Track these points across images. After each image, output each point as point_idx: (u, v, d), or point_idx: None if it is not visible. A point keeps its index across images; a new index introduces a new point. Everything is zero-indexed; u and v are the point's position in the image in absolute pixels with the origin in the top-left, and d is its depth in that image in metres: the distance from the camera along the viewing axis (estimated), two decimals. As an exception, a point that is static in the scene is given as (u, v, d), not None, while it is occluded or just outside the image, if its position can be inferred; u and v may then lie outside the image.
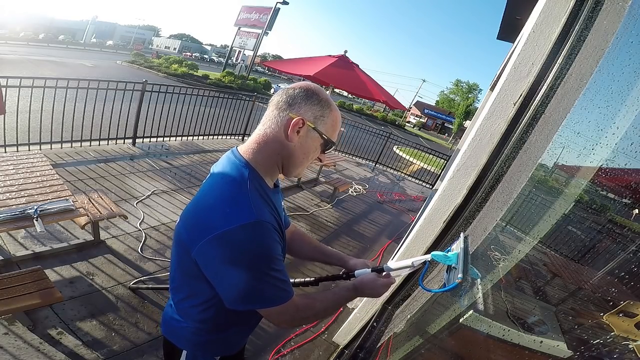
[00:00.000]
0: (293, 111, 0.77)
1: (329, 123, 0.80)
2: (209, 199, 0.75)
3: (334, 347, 2.33)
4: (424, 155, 8.86)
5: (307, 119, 0.77)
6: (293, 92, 0.78)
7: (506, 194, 1.52)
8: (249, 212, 0.69)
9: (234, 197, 0.72)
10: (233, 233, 0.67)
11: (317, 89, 0.79)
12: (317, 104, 0.78)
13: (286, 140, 0.77)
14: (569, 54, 1.20)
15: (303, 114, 0.77)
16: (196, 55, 56.07)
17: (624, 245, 1.72)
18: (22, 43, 26.45)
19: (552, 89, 1.24)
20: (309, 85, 0.80)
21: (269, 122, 0.79)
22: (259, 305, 0.76)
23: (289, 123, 0.76)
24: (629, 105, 1.11)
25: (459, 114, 38.04)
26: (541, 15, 1.27)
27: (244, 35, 23.87)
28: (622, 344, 0.85)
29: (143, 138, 5.08)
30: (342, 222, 4.54)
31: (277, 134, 0.77)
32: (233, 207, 0.70)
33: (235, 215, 0.68)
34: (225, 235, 0.67)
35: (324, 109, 0.78)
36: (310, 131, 0.78)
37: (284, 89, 0.79)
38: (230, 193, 0.73)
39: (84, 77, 4.40)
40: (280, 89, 0.81)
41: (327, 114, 0.79)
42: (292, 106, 0.77)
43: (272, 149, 0.78)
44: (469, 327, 1.20)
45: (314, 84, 0.81)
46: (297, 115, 0.76)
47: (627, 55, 1.13)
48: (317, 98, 0.78)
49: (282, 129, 0.77)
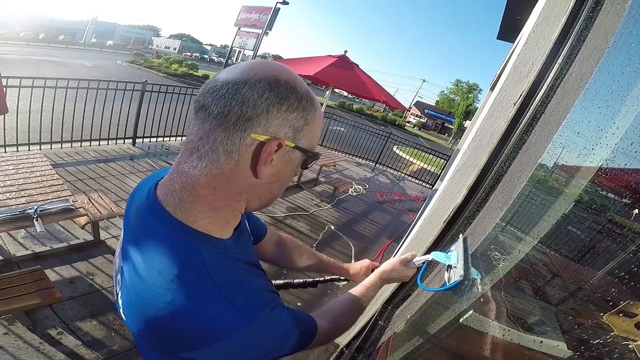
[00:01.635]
0: (258, 128, 0.44)
1: (314, 132, 0.51)
2: (162, 305, 0.44)
3: (334, 347, 2.33)
4: (424, 155, 8.86)
5: (283, 138, 0.46)
6: (250, 92, 0.43)
7: (506, 194, 1.52)
8: (233, 316, 0.45)
9: (202, 299, 0.44)
10: (232, 343, 0.45)
11: (291, 79, 0.46)
12: (297, 107, 0.46)
13: (252, 178, 0.47)
14: (569, 54, 1.20)
15: (276, 130, 0.45)
16: (196, 55, 56.15)
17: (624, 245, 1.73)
18: (22, 43, 26.47)
19: (552, 89, 1.24)
20: (273, 72, 0.45)
21: (212, 153, 0.45)
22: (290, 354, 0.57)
23: (256, 152, 0.45)
24: (629, 105, 1.11)
25: (459, 114, 38.07)
26: (541, 15, 1.27)
27: (244, 35, 23.86)
28: (622, 344, 0.85)
29: (143, 138, 5.08)
30: (342, 222, 4.54)
31: (233, 172, 0.46)
32: (210, 315, 0.44)
33: (219, 327, 0.44)
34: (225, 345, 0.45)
35: (307, 112, 0.48)
36: (288, 152, 0.48)
37: (225, 82, 0.44)
38: (193, 294, 0.44)
39: (84, 77, 4.40)
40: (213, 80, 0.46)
41: (312, 119, 0.49)
42: (254, 121, 0.44)
43: (226, 195, 0.48)
44: (469, 327, 1.20)
45: (278, 64, 0.49)
46: (267, 136, 0.45)
47: (627, 55, 1.13)
48: (297, 98, 0.46)
49: (243, 163, 0.46)
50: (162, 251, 0.47)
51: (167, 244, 0.47)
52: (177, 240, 0.47)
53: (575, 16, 1.20)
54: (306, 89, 0.48)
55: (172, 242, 0.47)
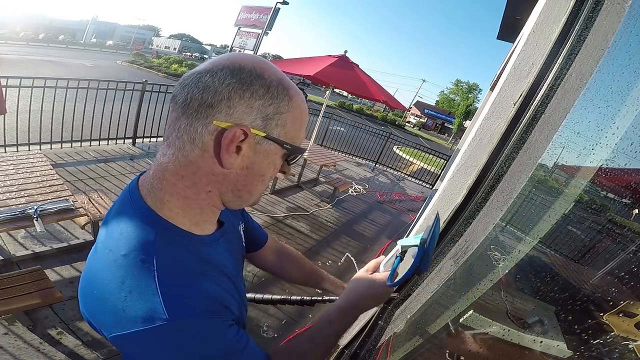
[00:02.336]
0: (220, 115, 0.43)
1: (289, 120, 0.48)
2: (103, 278, 0.45)
3: (334, 347, 2.33)
4: (424, 155, 8.86)
5: (249, 126, 0.45)
6: (211, 79, 0.43)
7: (506, 194, 1.52)
8: (156, 310, 0.41)
9: (135, 284, 0.43)
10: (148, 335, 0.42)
11: (258, 66, 0.45)
12: (263, 93, 0.44)
13: (219, 167, 0.46)
14: (569, 54, 1.20)
15: (240, 117, 0.44)
16: (196, 55, 56.15)
17: (624, 245, 1.73)
18: (22, 43, 26.48)
19: (552, 89, 1.24)
20: (238, 61, 0.45)
21: (177, 141, 0.45)
22: None
23: (217, 140, 0.44)
24: (629, 105, 1.11)
25: (459, 114, 38.08)
26: (541, 15, 1.27)
27: (244, 35, 23.87)
28: (622, 344, 0.85)
29: (143, 138, 5.08)
30: (342, 222, 4.54)
31: (199, 160, 0.46)
32: (137, 301, 0.42)
33: (140, 315, 0.41)
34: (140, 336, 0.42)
35: (278, 99, 0.46)
36: (260, 143, 0.47)
37: (192, 73, 0.46)
38: (129, 276, 0.43)
39: (84, 77, 4.40)
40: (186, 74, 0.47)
41: (286, 107, 0.47)
42: (216, 107, 0.43)
43: (194, 184, 0.48)
44: (469, 327, 1.20)
45: (249, 55, 0.49)
46: (230, 123, 0.44)
47: (627, 55, 1.13)
48: (263, 84, 0.44)
49: (207, 151, 0.45)
50: (122, 231, 0.46)
51: (128, 226, 0.47)
52: (138, 224, 0.46)
53: (575, 16, 1.20)
54: (278, 77, 0.47)
55: (134, 225, 0.46)
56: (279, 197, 4.64)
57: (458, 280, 1.55)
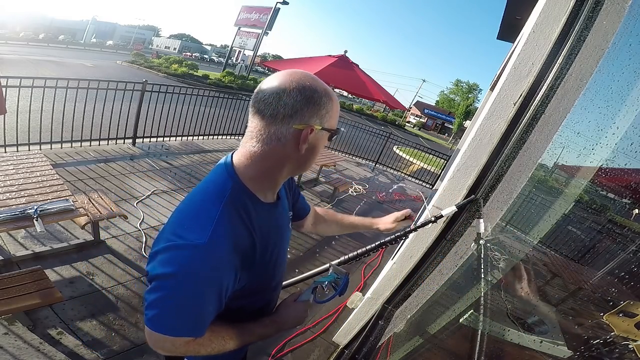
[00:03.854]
0: (297, 122, 0.66)
1: (333, 115, 0.72)
2: (182, 204, 0.71)
3: (334, 347, 2.33)
4: (424, 155, 8.86)
5: (314, 125, 0.68)
6: (289, 99, 0.65)
7: (506, 194, 1.52)
8: (202, 232, 0.61)
9: (200, 210, 0.66)
10: (175, 249, 0.62)
11: (312, 84, 0.67)
12: (320, 104, 0.67)
13: (295, 152, 0.69)
14: (569, 54, 1.20)
15: (308, 120, 0.67)
16: (196, 55, 56.11)
17: (624, 245, 1.73)
18: (22, 43, 26.48)
19: (552, 89, 1.24)
20: (301, 81, 0.66)
21: (267, 139, 0.68)
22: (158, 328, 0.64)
23: (297, 136, 0.67)
24: (629, 105, 1.11)
25: (459, 114, 38.05)
26: (541, 15, 1.27)
27: (244, 35, 23.88)
28: (622, 344, 0.85)
29: (143, 138, 5.08)
30: (342, 222, 4.54)
31: (282, 150, 0.69)
32: (193, 220, 0.65)
33: (188, 231, 0.62)
34: (167, 250, 0.62)
35: (327, 105, 0.69)
36: (318, 132, 0.70)
37: (270, 93, 0.66)
38: (200, 204, 0.68)
39: (84, 77, 4.40)
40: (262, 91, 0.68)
41: (330, 108, 0.70)
42: (294, 117, 0.66)
43: (273, 164, 0.71)
44: (468, 327, 1.20)
45: (301, 72, 0.69)
46: (304, 125, 0.67)
47: (627, 55, 1.13)
48: (318, 96, 0.67)
49: (289, 144, 0.68)
50: (213, 175, 0.73)
51: (220, 174, 0.71)
52: (226, 176, 0.70)
53: (575, 16, 1.20)
54: (324, 87, 0.69)
55: (223, 175, 0.71)
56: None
57: (458, 280, 1.55)
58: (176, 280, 0.61)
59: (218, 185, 0.69)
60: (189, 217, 0.66)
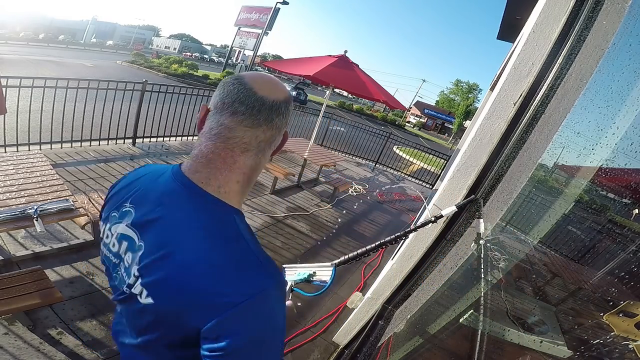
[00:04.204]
0: (284, 127, 0.64)
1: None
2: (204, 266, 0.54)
3: (334, 347, 2.33)
4: (424, 155, 8.86)
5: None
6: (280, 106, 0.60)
7: (506, 194, 1.52)
8: (266, 275, 0.56)
9: (241, 257, 0.56)
10: (261, 300, 0.53)
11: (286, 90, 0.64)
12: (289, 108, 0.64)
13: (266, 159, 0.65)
14: (569, 54, 1.20)
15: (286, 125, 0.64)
16: (196, 55, 56.06)
17: (624, 245, 1.73)
18: (22, 43, 26.45)
19: (552, 89, 1.24)
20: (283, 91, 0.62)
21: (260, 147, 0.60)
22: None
23: (282, 141, 0.65)
24: (629, 105, 1.11)
25: (459, 114, 38.05)
26: (541, 15, 1.27)
27: (244, 35, 23.91)
28: (622, 344, 0.85)
29: (143, 138, 5.08)
30: (342, 222, 4.54)
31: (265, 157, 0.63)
32: (246, 271, 0.54)
33: (254, 280, 0.54)
34: (251, 305, 0.52)
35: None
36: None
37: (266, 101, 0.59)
38: (234, 253, 0.56)
39: (84, 77, 4.40)
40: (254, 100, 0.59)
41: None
42: (284, 125, 0.63)
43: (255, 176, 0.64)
44: (468, 327, 1.20)
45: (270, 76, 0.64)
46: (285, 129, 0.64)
47: (627, 55, 1.13)
48: (291, 102, 0.64)
49: (272, 150, 0.64)
50: (205, 221, 0.57)
51: (209, 215, 0.57)
52: (218, 212, 0.58)
53: (575, 16, 1.20)
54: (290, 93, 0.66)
55: (214, 213, 0.58)
56: (279, 197, 4.64)
57: (458, 280, 1.55)
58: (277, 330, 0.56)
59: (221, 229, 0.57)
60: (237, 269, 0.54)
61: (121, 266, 0.62)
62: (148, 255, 0.57)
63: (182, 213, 0.58)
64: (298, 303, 2.62)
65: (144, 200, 0.62)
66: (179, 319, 0.54)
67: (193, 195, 0.58)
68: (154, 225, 0.58)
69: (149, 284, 0.56)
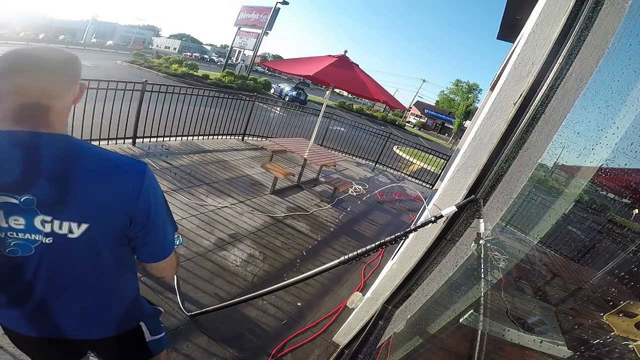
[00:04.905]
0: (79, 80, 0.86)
1: None
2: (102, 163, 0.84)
3: (334, 347, 2.33)
4: (424, 155, 8.86)
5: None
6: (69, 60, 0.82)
7: (506, 194, 1.52)
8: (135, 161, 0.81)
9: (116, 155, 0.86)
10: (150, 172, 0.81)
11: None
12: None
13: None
14: (569, 54, 1.20)
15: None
16: (196, 55, 56.07)
17: (624, 245, 1.73)
18: (22, 43, 26.46)
19: (552, 89, 1.24)
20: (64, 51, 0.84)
21: (63, 94, 0.81)
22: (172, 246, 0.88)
23: (80, 91, 0.88)
24: (629, 105, 1.11)
25: (459, 114, 38.06)
26: (541, 15, 1.27)
27: (244, 35, 23.89)
28: (622, 344, 0.85)
29: (143, 138, 5.08)
30: (342, 222, 4.54)
31: (71, 103, 0.87)
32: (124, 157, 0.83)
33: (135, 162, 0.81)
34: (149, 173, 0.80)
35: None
36: None
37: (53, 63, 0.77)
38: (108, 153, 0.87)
39: (84, 77, 4.38)
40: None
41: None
42: (78, 75, 0.86)
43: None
44: (468, 327, 1.20)
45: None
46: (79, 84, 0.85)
47: (627, 55, 1.13)
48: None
49: (75, 99, 0.88)
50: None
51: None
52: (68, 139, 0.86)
53: (575, 16, 1.20)
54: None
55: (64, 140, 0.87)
56: (279, 197, 4.64)
57: (458, 280, 1.55)
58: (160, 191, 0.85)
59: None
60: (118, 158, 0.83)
61: (11, 233, 0.70)
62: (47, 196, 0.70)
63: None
64: (298, 303, 2.63)
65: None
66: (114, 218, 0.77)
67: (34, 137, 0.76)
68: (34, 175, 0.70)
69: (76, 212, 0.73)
